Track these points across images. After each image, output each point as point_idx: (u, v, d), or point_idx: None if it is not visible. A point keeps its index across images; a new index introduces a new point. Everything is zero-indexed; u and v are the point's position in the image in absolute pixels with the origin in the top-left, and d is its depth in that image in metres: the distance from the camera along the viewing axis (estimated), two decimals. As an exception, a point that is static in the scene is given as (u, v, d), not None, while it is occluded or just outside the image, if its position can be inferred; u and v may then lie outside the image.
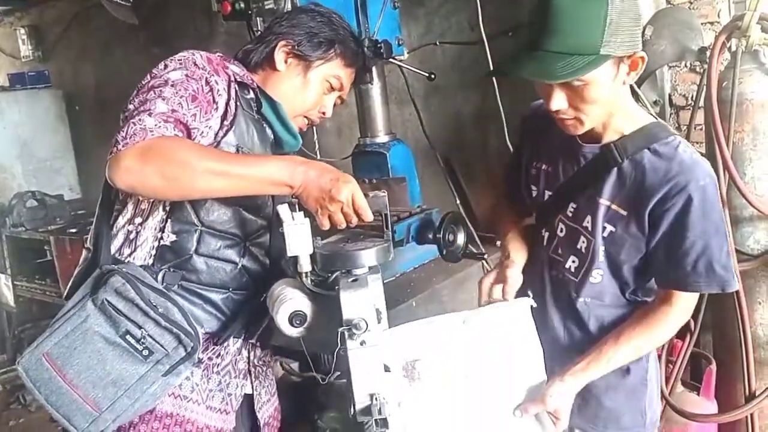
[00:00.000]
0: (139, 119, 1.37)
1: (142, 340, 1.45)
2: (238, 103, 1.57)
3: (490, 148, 3.64)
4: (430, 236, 2.29)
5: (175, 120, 1.41)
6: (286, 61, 1.67)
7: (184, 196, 1.48)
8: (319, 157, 2.81)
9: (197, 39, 4.95)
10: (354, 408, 1.30)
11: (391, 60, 2.53)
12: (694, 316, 2.69)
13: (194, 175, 1.35)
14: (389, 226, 1.49)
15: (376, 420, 1.28)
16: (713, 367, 2.73)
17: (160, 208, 1.55)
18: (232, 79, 1.58)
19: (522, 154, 1.78)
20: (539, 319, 1.63)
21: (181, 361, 1.48)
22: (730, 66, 2.47)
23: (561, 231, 1.64)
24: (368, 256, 1.42)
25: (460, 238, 2.31)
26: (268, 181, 1.39)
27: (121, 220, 1.59)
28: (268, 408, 1.80)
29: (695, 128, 2.72)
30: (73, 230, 4.68)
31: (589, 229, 1.57)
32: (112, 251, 1.58)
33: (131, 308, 1.45)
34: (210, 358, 1.64)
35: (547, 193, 1.67)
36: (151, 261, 1.55)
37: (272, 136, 1.70)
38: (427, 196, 2.83)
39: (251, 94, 1.64)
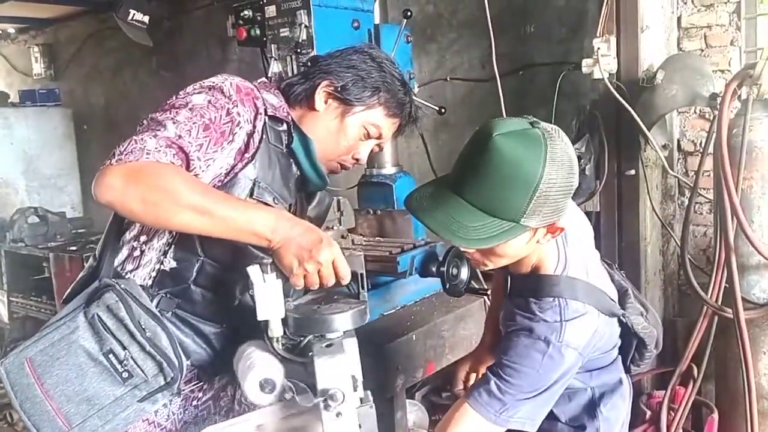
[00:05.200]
0: (141, 138, 1.35)
1: (125, 362, 1.42)
2: (264, 136, 1.52)
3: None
4: (434, 269, 2.26)
5: (177, 147, 1.37)
6: (326, 102, 1.61)
7: (161, 225, 1.45)
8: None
9: (209, 64, 5.00)
10: None
11: (401, 93, 2.54)
12: (698, 364, 2.68)
13: (175, 207, 1.31)
14: (365, 286, 1.40)
15: None
16: (715, 416, 2.68)
17: (167, 231, 1.51)
18: (261, 111, 1.52)
19: None
20: None
21: (160, 389, 1.44)
22: (740, 113, 2.47)
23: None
24: (343, 320, 1.32)
25: (464, 273, 2.28)
26: (248, 231, 1.34)
27: (127, 235, 1.57)
28: None
29: (703, 174, 2.72)
30: (74, 248, 4.66)
31: None
32: (116, 264, 1.55)
33: (119, 327, 1.42)
34: (192, 391, 1.60)
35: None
36: (150, 282, 1.52)
37: (298, 173, 1.64)
38: (431, 229, 2.82)
39: (284, 127, 1.59)
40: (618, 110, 2.82)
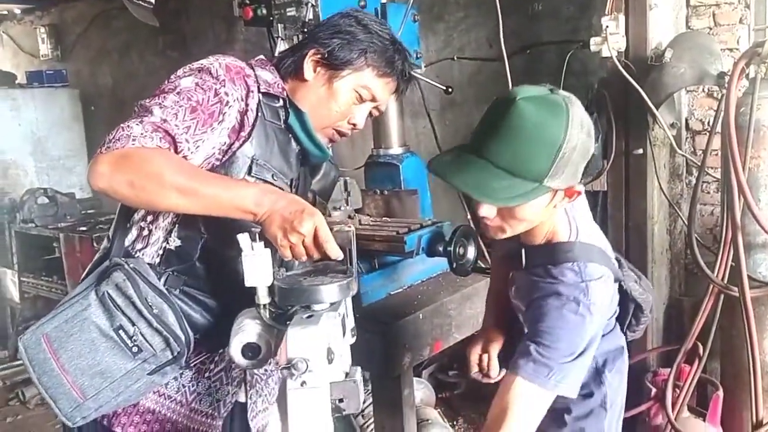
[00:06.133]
0: (128, 125, 1.38)
1: (134, 337, 1.47)
2: (260, 114, 1.55)
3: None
4: (441, 249, 2.28)
5: (163, 131, 1.40)
6: (314, 70, 1.62)
7: (152, 207, 1.50)
8: (331, 166, 2.80)
9: (215, 44, 4.99)
10: None
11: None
12: (703, 342, 2.69)
13: (161, 189, 1.34)
14: (353, 262, 1.41)
15: None
16: (720, 393, 2.70)
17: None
18: (253, 89, 1.54)
19: None
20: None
21: (167, 363, 1.50)
22: (748, 92, 2.46)
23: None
24: (327, 291, 1.33)
25: (471, 252, 2.29)
26: (233, 206, 1.37)
27: (136, 216, 1.60)
28: (263, 417, 1.78)
29: (711, 153, 2.72)
30: (83, 228, 4.70)
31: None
32: (126, 244, 1.59)
33: (128, 305, 1.47)
34: (203, 363, 1.63)
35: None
36: (158, 261, 1.56)
37: (298, 148, 1.66)
38: (438, 209, 2.83)
39: (280, 103, 1.61)
40: (626, 89, 2.81)
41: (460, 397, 3.81)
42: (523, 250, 1.58)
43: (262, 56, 1.67)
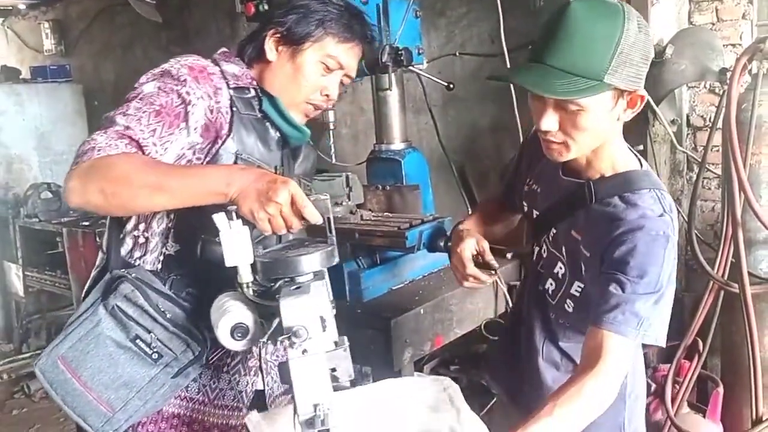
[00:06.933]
0: (93, 138, 1.39)
1: (152, 344, 1.49)
2: (234, 109, 1.55)
3: (504, 160, 3.64)
4: (442, 244, 2.29)
5: (128, 137, 1.41)
6: (277, 50, 1.62)
7: (129, 212, 1.51)
8: (333, 162, 2.82)
9: (218, 40, 4.98)
10: (297, 420, 1.23)
11: (410, 68, 2.55)
12: (703, 338, 2.70)
13: (132, 191, 1.35)
14: (332, 230, 1.40)
15: (319, 431, 1.21)
16: (720, 389, 2.70)
17: (165, 216, 1.56)
18: (220, 86, 1.54)
19: (521, 162, 1.80)
20: (524, 332, 1.67)
21: (190, 363, 1.52)
22: (750, 88, 2.46)
23: (545, 252, 1.64)
24: (310, 261, 1.33)
25: (472, 248, 2.31)
26: (205, 192, 1.36)
27: (128, 226, 1.61)
28: (281, 401, 1.80)
29: (712, 149, 2.72)
30: (86, 223, 4.71)
31: (564, 258, 1.56)
32: (123, 254, 1.59)
33: (141, 314, 1.49)
34: (220, 359, 1.65)
35: (535, 212, 1.68)
36: (159, 267, 1.57)
37: (277, 133, 1.66)
38: (439, 204, 2.84)
39: (251, 93, 1.61)
40: (627, 85, 2.80)
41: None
42: (588, 185, 1.51)
43: (224, 48, 1.67)
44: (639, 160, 1.52)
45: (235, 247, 1.33)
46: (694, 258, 2.68)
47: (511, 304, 2.53)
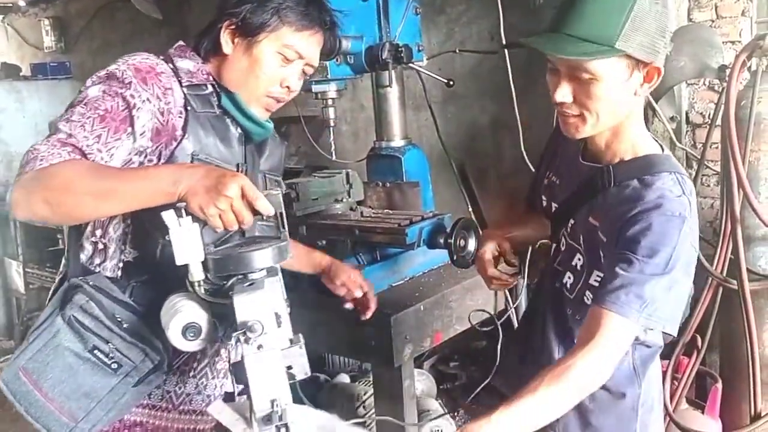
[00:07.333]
0: (35, 148, 1.35)
1: (111, 354, 1.45)
2: (188, 108, 1.49)
3: (504, 157, 3.65)
4: (441, 241, 2.29)
5: (71, 145, 1.36)
6: (233, 42, 1.54)
7: (76, 221, 1.46)
8: (334, 159, 2.83)
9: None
10: (254, 416, 1.21)
11: (410, 65, 2.55)
12: (702, 334, 2.71)
13: (77, 199, 1.31)
14: (285, 225, 1.37)
15: (277, 426, 1.19)
16: (719, 385, 2.72)
17: (121, 221, 1.51)
18: (170, 85, 1.48)
19: (542, 163, 1.77)
20: (538, 332, 1.64)
21: (150, 372, 1.48)
22: (749, 85, 2.47)
23: (563, 245, 1.61)
24: (263, 256, 1.30)
25: (471, 244, 2.31)
26: (153, 193, 1.31)
27: (87, 231, 1.56)
28: None
29: (711, 146, 2.72)
30: (87, 220, 4.72)
31: (582, 248, 1.52)
32: (84, 260, 1.55)
33: (97, 324, 1.45)
34: (185, 363, 1.61)
35: (554, 206, 1.66)
36: (119, 273, 1.52)
37: (239, 130, 1.60)
38: (439, 201, 2.84)
39: (208, 89, 1.55)
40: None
41: (461, 389, 3.83)
42: (607, 168, 1.48)
43: (181, 42, 1.62)
44: (660, 145, 1.50)
45: (185, 245, 1.29)
46: (693, 254, 2.69)
47: (511, 302, 2.54)
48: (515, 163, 3.22)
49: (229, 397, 1.70)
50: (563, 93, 1.39)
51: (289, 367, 1.26)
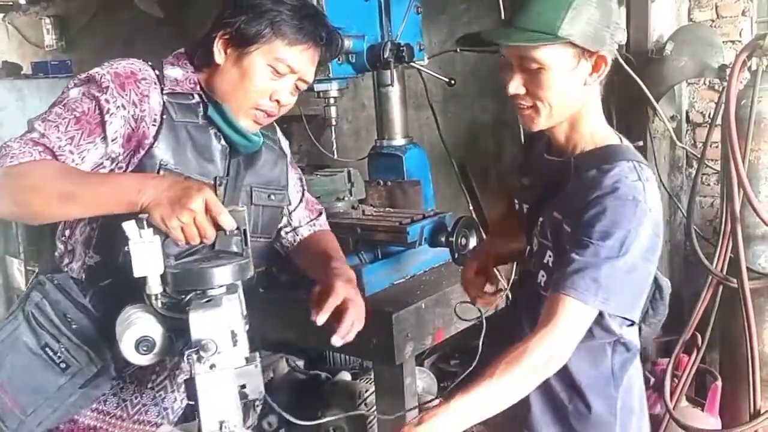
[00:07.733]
0: (8, 145, 1.35)
1: (59, 353, 1.47)
2: (165, 116, 1.48)
3: (504, 156, 3.66)
4: (443, 239, 2.31)
5: (42, 145, 1.36)
6: (225, 52, 1.52)
7: (43, 221, 1.45)
8: (335, 157, 2.83)
9: (219, 35, 4.99)
10: None
11: (411, 64, 2.56)
12: (702, 332, 2.72)
13: (44, 200, 1.31)
14: (248, 242, 1.35)
15: None
16: (719, 383, 2.73)
17: (87, 225, 1.50)
18: (147, 92, 1.47)
19: (518, 169, 1.82)
20: (517, 329, 1.62)
21: (95, 376, 1.49)
22: (749, 84, 2.48)
23: (535, 245, 1.61)
24: (222, 273, 1.28)
25: (472, 243, 2.32)
26: (116, 201, 1.30)
27: (58, 231, 1.56)
28: None
29: (711, 145, 2.73)
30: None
31: (551, 244, 1.52)
32: (57, 257, 1.56)
33: (48, 322, 1.48)
34: (143, 374, 1.60)
35: (525, 207, 1.67)
36: (83, 276, 1.53)
37: (223, 142, 1.58)
38: (440, 200, 2.85)
39: (195, 99, 1.54)
40: (627, 81, 2.82)
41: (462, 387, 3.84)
42: (568, 161, 1.51)
43: (181, 50, 1.60)
44: (619, 137, 1.54)
45: (145, 257, 1.26)
46: (693, 253, 2.70)
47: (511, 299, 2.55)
48: (515, 162, 3.23)
49: (191, 408, 1.69)
50: (515, 85, 1.46)
51: (243, 386, 1.24)
